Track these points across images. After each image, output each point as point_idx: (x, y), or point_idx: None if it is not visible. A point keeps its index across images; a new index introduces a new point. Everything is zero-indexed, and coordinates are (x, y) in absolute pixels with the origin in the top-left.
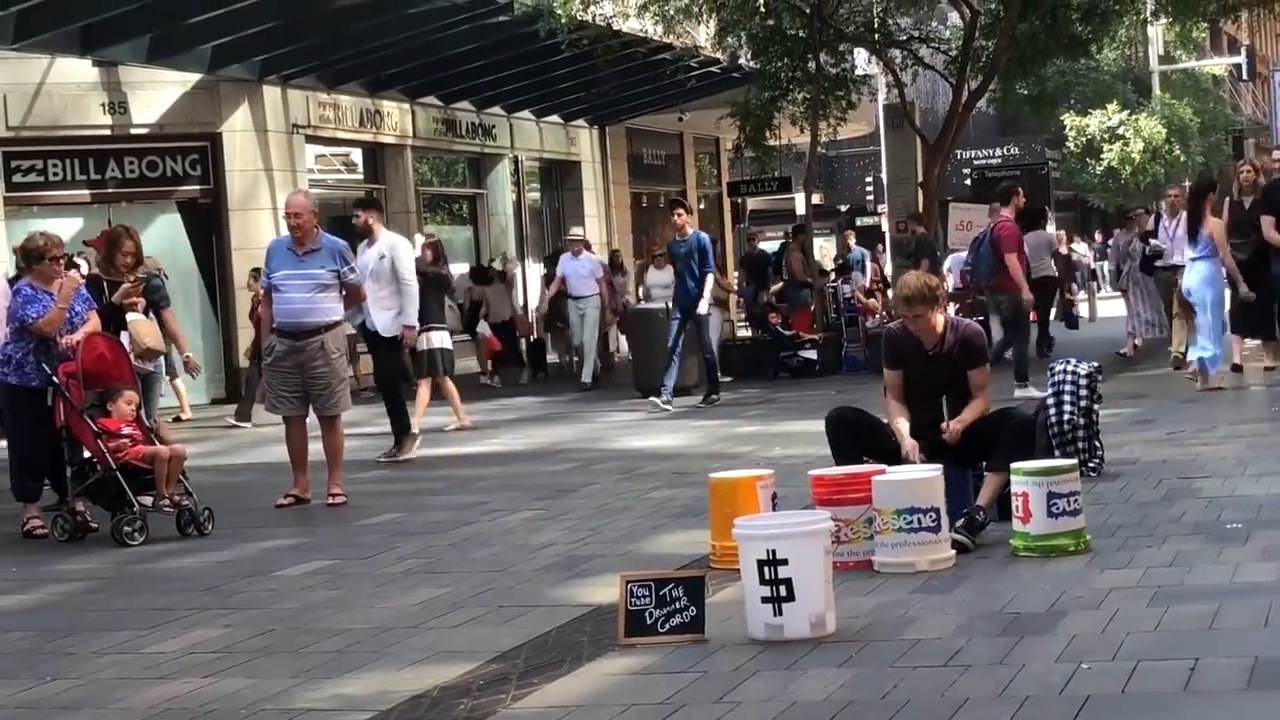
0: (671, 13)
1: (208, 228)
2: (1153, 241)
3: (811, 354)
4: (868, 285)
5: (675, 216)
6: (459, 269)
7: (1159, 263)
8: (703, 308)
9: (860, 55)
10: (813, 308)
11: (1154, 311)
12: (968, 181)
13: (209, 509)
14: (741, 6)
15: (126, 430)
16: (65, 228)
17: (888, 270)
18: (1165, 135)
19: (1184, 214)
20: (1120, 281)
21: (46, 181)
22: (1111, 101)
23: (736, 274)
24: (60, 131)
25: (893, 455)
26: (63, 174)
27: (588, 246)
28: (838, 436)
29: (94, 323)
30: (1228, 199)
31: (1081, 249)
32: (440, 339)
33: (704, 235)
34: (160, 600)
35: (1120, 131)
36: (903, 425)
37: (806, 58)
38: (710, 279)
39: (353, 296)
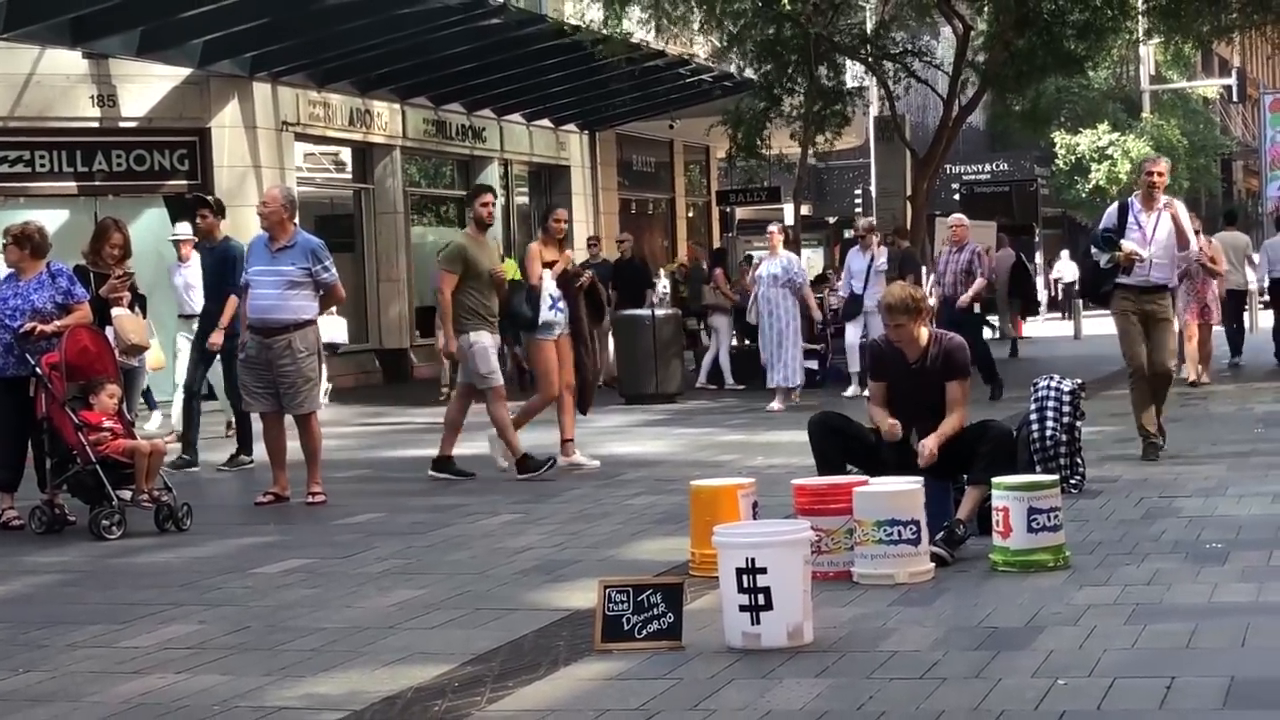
0: (667, 23)
1: (195, 223)
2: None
3: (812, 364)
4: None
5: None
6: None
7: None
8: None
9: (852, 68)
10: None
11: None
12: (956, 196)
13: (188, 505)
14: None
15: (108, 423)
16: (52, 220)
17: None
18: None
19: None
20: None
21: (34, 172)
22: (1102, 121)
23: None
24: (48, 123)
25: (876, 462)
26: (50, 165)
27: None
28: (820, 442)
29: (84, 313)
30: None
31: (1069, 268)
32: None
33: None
34: (136, 595)
35: (1109, 152)
36: (882, 414)
37: (802, 69)
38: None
39: (330, 296)
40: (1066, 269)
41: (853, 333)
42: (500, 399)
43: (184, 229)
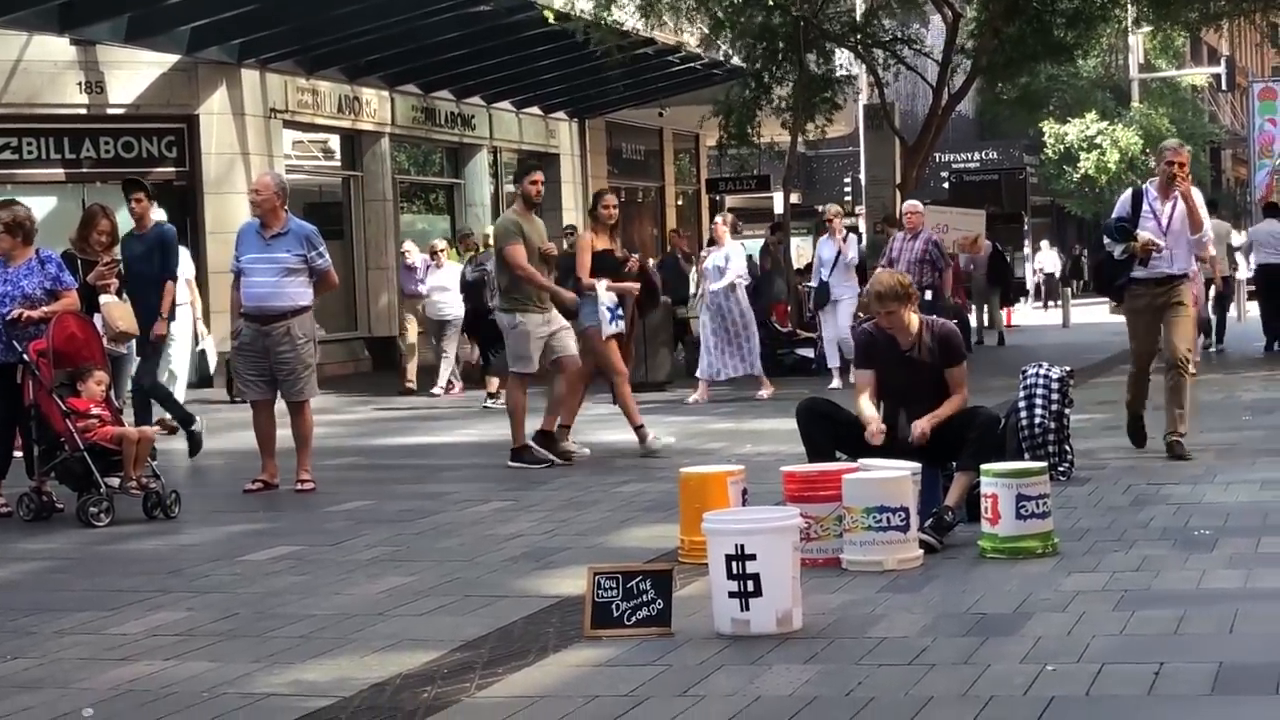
0: (656, 11)
1: (182, 210)
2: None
3: (808, 351)
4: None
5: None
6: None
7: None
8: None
9: (841, 56)
10: (789, 306)
11: None
12: (945, 184)
13: (176, 492)
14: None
15: (95, 410)
16: (39, 206)
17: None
18: (1141, 145)
19: None
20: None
21: (21, 159)
22: (1090, 109)
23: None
24: (36, 109)
25: (863, 447)
26: (37, 152)
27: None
28: (809, 428)
29: (71, 300)
30: None
31: (1048, 258)
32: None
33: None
34: (124, 582)
35: (1098, 141)
36: (867, 408)
37: (791, 56)
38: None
39: (323, 283)
40: (1047, 259)
41: (830, 328)
42: (522, 387)
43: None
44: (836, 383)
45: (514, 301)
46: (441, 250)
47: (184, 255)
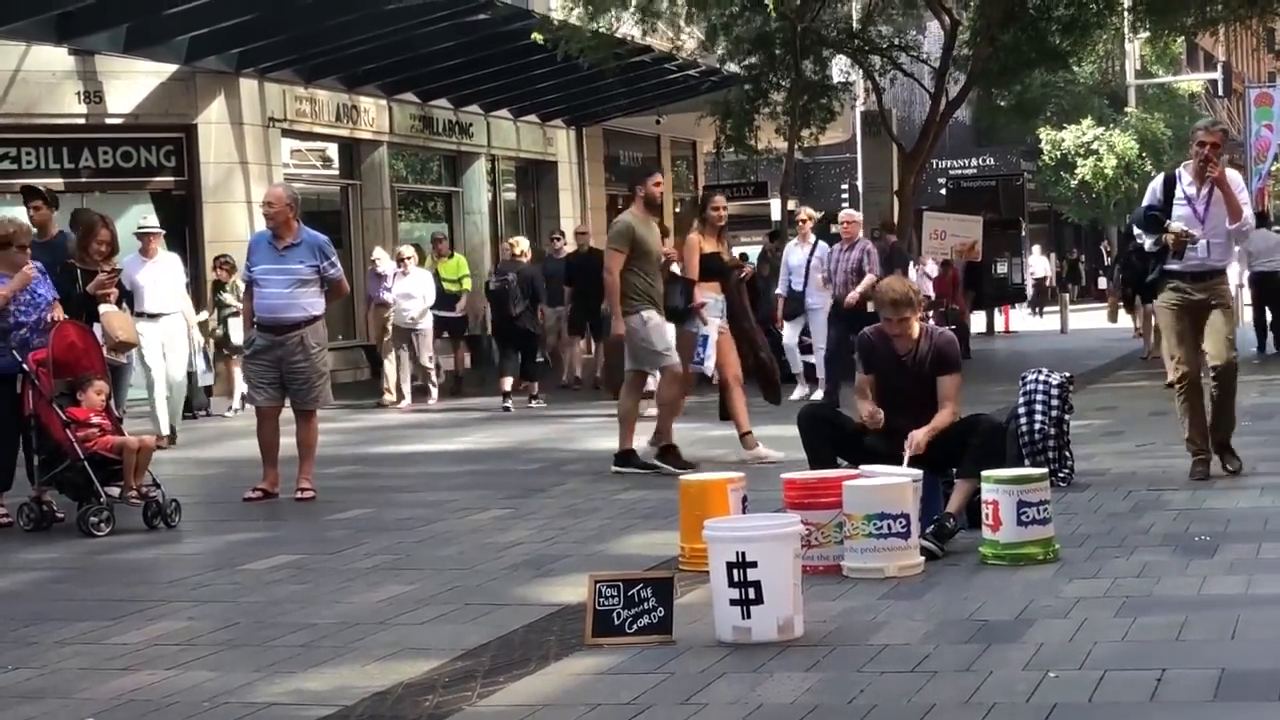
0: (656, 16)
1: (181, 219)
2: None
3: (811, 358)
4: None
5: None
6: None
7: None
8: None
9: (838, 62)
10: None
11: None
12: (943, 191)
13: (176, 501)
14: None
15: (95, 420)
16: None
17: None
18: (1138, 150)
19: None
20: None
21: (20, 169)
22: (1086, 116)
23: None
24: (35, 119)
25: (865, 454)
26: (36, 162)
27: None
28: (810, 434)
29: (55, 313)
30: None
31: (1039, 263)
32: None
33: None
34: (125, 591)
35: (1094, 146)
36: (866, 403)
37: (787, 61)
38: None
39: (335, 291)
40: (1038, 264)
41: (790, 333)
42: (674, 380)
43: (153, 221)
44: (801, 390)
45: (632, 302)
46: (409, 258)
47: (175, 263)
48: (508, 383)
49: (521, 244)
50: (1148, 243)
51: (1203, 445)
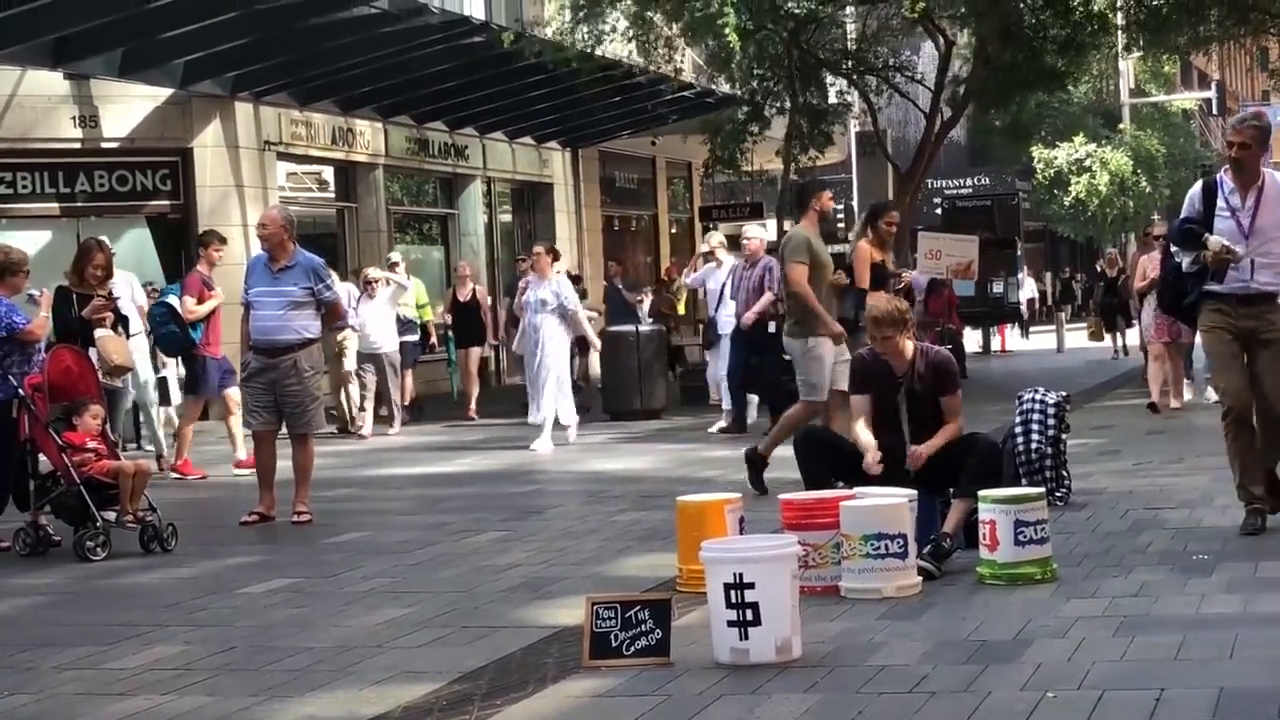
0: (653, 40)
1: (177, 243)
2: None
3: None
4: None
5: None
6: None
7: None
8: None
9: (834, 84)
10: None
11: None
12: (938, 210)
13: (172, 525)
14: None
15: (91, 444)
16: (34, 241)
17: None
18: (1132, 167)
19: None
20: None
21: (15, 194)
22: (1079, 134)
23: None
24: (30, 144)
25: (862, 476)
26: (32, 187)
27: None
28: (807, 456)
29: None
30: None
31: (1026, 285)
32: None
33: None
34: (122, 616)
35: (1087, 164)
36: (865, 435)
37: (784, 81)
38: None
39: (331, 314)
40: (1026, 286)
41: (713, 362)
42: (808, 413)
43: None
44: (722, 423)
45: (807, 325)
46: (375, 280)
47: (133, 281)
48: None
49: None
50: (1185, 261)
51: (1256, 493)
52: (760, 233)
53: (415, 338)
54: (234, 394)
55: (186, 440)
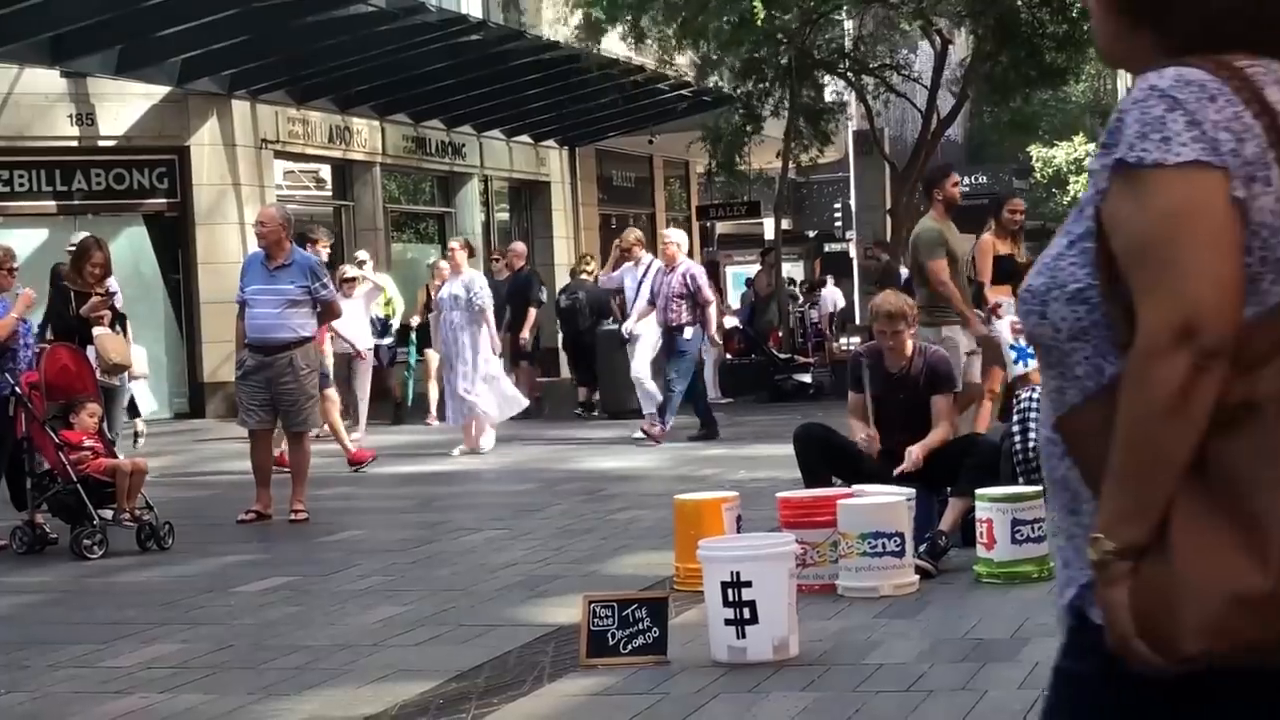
0: (650, 41)
1: (174, 241)
2: None
3: (806, 377)
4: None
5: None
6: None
7: None
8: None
9: (832, 84)
10: (780, 330)
11: None
12: None
13: (169, 523)
14: (731, 34)
15: (88, 443)
16: (30, 239)
17: (839, 298)
18: None
19: None
20: None
21: (12, 192)
22: (1078, 133)
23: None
24: (27, 142)
25: (860, 473)
26: (29, 185)
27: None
28: (805, 453)
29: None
30: None
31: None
32: None
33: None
34: (118, 614)
35: (1086, 163)
36: (860, 425)
37: (784, 82)
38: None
39: (328, 313)
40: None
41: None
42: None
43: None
44: (647, 425)
45: (938, 315)
46: (353, 279)
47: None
48: (583, 392)
49: (591, 265)
50: None
51: None
52: (679, 237)
53: (389, 341)
54: (331, 393)
55: (341, 431)
